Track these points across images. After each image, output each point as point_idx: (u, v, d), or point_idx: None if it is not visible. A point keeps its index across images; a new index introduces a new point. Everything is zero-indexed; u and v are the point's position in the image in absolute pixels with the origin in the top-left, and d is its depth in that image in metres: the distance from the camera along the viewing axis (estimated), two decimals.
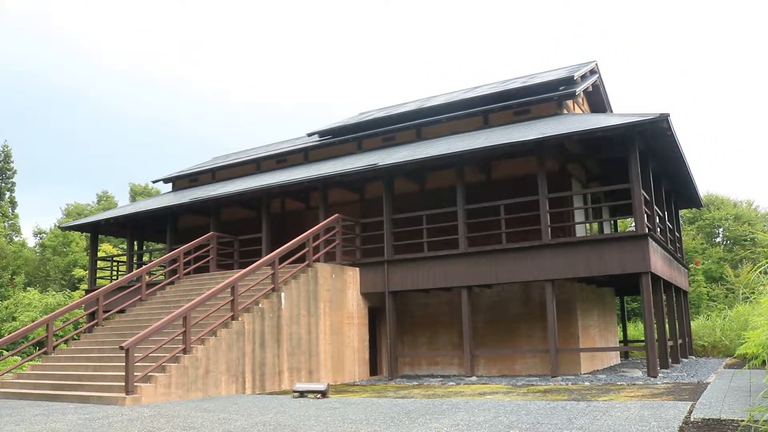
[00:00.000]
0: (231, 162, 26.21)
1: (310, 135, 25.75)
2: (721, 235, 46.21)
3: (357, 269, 17.95)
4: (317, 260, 17.08)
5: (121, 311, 17.81)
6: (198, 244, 19.46)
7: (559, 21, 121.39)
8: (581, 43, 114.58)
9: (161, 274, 21.04)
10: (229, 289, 14.30)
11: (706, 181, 68.40)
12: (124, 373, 12.04)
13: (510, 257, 15.95)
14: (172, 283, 18.76)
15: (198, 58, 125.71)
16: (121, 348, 11.59)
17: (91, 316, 19.21)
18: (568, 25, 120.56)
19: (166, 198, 24.75)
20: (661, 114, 14.14)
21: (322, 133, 24.73)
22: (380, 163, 17.50)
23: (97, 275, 32.52)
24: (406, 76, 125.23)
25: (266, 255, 18.37)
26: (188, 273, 19.43)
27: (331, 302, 16.65)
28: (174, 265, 19.39)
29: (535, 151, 15.99)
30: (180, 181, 27.54)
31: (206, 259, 19.80)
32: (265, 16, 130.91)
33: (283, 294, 15.10)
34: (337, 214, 17.95)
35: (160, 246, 27.59)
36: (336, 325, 16.69)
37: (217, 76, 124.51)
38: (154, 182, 29.38)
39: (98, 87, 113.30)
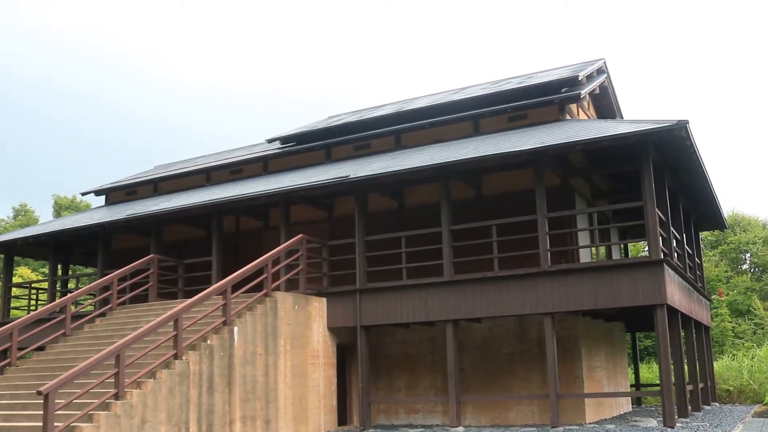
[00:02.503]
0: (176, 172, 26.07)
1: (270, 141, 25.73)
2: (748, 262, 46.81)
3: (324, 299, 17.87)
4: (277, 289, 16.96)
5: (40, 348, 17.47)
6: (135, 269, 19.24)
7: (563, 18, 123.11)
8: (588, 41, 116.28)
9: (90, 304, 20.78)
10: (172, 323, 14.13)
11: (730, 199, 69.64)
12: (41, 424, 11.82)
13: (503, 286, 15.98)
14: (103, 314, 18.51)
15: (153, 51, 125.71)
16: (39, 393, 11.38)
17: (3, 354, 18.83)
18: (576, 22, 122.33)
19: (98, 213, 24.51)
20: (679, 121, 14.32)
21: (284, 140, 24.72)
22: (352, 175, 17.52)
23: (11, 305, 31.98)
24: (399, 75, 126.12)
25: (217, 282, 18.22)
26: (123, 303, 19.18)
27: (293, 338, 16.54)
28: (106, 294, 19.14)
29: (533, 162, 16.11)
30: (115, 194, 27.32)
31: (145, 287, 19.58)
32: (238, 17, 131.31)
33: (236, 329, 14.97)
34: (301, 235, 17.89)
35: (89, 270, 27.32)
36: (298, 365, 16.57)
37: (177, 71, 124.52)
38: (83, 194, 29.17)
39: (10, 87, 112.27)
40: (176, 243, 23.17)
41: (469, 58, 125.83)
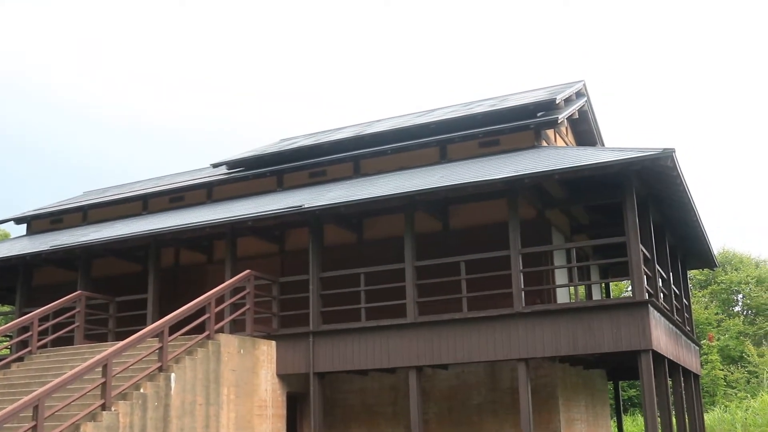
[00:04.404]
0: (109, 198, 25.85)
1: (215, 166, 25.67)
2: (740, 303, 47.52)
3: (273, 343, 17.77)
4: (221, 331, 16.84)
5: None
6: (60, 307, 18.95)
7: (542, 39, 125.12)
8: (567, 63, 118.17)
9: (6, 347, 20.42)
10: (100, 368, 13.92)
11: (720, 235, 70.94)
12: None
13: (473, 329, 16.03)
14: (21, 359, 18.18)
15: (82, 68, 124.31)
16: None
17: None
18: (556, 44, 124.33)
19: (18, 244, 24.17)
20: (665, 149, 14.56)
21: (231, 165, 24.68)
22: (306, 205, 17.52)
23: None
24: (359, 98, 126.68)
25: (153, 323, 18.01)
26: (44, 346, 18.89)
27: (238, 387, 16.40)
28: (25, 335, 18.80)
29: (506, 193, 16.26)
30: (38, 222, 26.97)
31: (70, 327, 19.29)
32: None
33: (173, 375, 14.80)
34: (248, 271, 17.81)
35: (5, 309, 26.84)
36: (243, 416, 16.41)
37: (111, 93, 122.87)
38: (1, 222, 28.71)
39: None
40: (107, 278, 22.90)
41: (435, 80, 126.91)
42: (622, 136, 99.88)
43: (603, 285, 24.87)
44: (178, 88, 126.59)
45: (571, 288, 19.68)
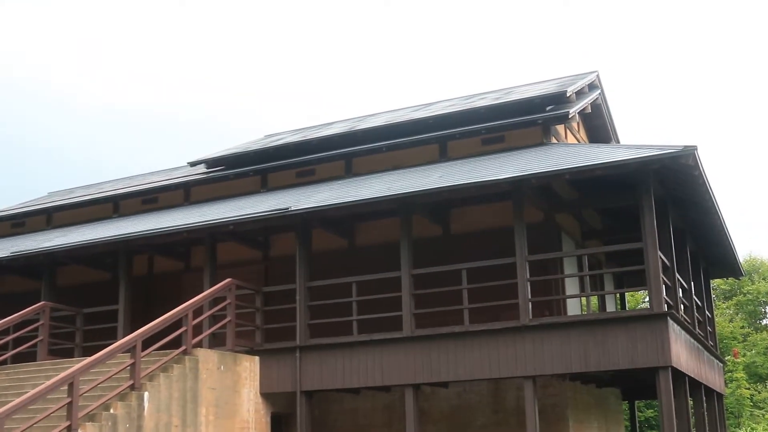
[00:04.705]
0: (76, 200, 25.83)
1: (193, 165, 25.65)
2: None
3: (256, 359, 17.75)
4: (199, 345, 16.81)
5: None
6: (21, 319, 18.94)
7: (554, 30, 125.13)
8: (581, 53, 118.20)
9: None
10: (66, 387, 13.90)
11: (746, 241, 70.93)
12: None
13: (475, 344, 16.04)
14: None
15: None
16: None
17: None
18: (568, 34, 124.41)
19: None
20: (686, 147, 14.57)
21: (210, 163, 24.66)
22: (293, 207, 17.52)
23: None
24: (353, 92, 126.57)
25: (124, 336, 18.01)
26: (4, 362, 18.87)
27: (218, 406, 16.37)
28: None
29: (512, 194, 16.28)
30: None
31: (33, 342, 19.28)
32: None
33: (146, 394, 14.77)
34: (229, 279, 17.80)
35: None
36: None
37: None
38: None
39: None
40: (74, 288, 22.87)
41: (435, 78, 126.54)
42: (639, 133, 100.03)
43: (618, 295, 24.90)
44: (178, 87, 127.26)
45: (583, 299, 19.70)
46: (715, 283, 41.14)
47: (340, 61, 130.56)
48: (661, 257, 15.45)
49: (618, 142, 24.22)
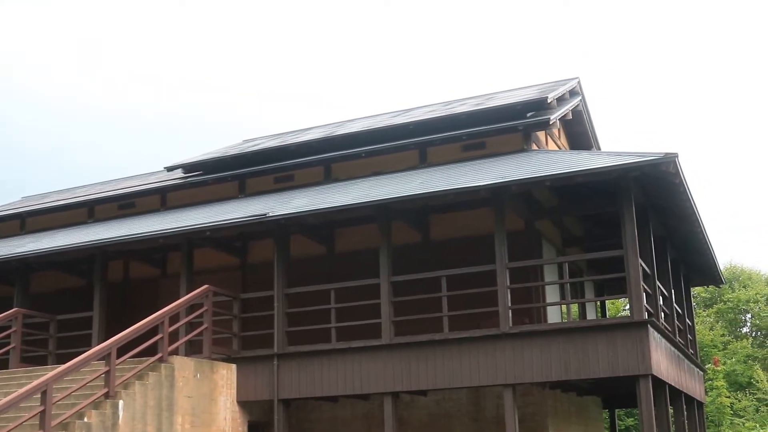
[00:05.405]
0: (50, 205, 25.69)
1: (170, 170, 25.54)
2: (749, 324, 47.81)
3: (233, 366, 17.70)
4: (175, 353, 16.76)
5: None
6: None
7: (543, 38, 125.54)
8: (562, 60, 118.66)
9: None
10: (39, 395, 13.82)
11: (727, 249, 71.28)
12: None
13: (454, 352, 16.04)
14: None
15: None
16: None
17: None
18: (549, 41, 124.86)
19: None
20: (667, 154, 14.65)
21: (188, 168, 24.58)
22: (271, 213, 17.49)
23: None
24: (332, 96, 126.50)
25: (99, 344, 17.91)
26: None
27: (194, 415, 16.32)
28: None
29: (492, 201, 16.31)
30: None
31: (5, 349, 19.18)
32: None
33: (121, 403, 14.71)
34: (206, 286, 17.74)
35: None
36: None
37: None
38: None
39: None
40: (48, 294, 22.78)
41: (415, 83, 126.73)
42: (620, 140, 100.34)
43: (598, 303, 24.97)
44: (178, 87, 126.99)
45: (564, 306, 19.78)
46: (695, 291, 41.35)
47: (326, 63, 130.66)
48: (641, 265, 15.52)
49: (599, 148, 24.31)
